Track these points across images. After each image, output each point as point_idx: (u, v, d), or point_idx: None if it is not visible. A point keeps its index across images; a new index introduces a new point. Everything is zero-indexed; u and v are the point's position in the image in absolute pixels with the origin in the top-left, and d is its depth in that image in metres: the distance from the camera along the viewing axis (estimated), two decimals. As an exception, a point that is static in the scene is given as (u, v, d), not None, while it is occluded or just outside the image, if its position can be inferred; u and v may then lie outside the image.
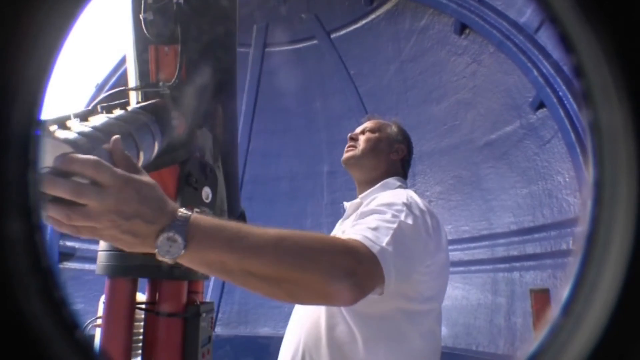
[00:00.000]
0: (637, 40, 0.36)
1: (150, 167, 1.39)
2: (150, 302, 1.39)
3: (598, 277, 0.37)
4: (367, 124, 1.87)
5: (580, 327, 0.36)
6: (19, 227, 0.40)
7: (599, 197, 0.38)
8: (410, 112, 5.10)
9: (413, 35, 5.01)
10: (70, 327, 0.42)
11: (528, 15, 3.89)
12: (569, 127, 3.56)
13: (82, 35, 5.18)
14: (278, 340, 1.60)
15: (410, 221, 1.33)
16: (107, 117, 1.09)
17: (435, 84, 4.94)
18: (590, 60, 0.38)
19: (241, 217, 2.01)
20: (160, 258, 0.88)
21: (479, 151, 4.55)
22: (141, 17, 1.46)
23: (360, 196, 1.70)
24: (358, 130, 1.87)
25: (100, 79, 5.40)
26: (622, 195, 0.37)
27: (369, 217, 1.34)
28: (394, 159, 1.79)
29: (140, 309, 1.37)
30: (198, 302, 1.42)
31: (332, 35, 5.65)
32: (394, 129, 1.86)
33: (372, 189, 1.68)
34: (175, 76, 1.46)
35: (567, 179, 3.73)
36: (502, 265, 4.17)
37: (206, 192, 1.46)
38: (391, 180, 1.70)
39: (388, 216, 1.32)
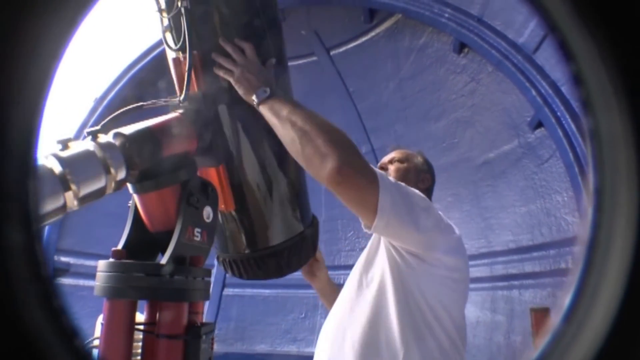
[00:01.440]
0: (636, 46, 0.36)
1: (151, 186, 1.39)
2: (150, 323, 1.36)
3: (599, 284, 0.37)
4: (395, 154, 2.01)
5: (581, 334, 0.36)
6: (19, 236, 0.40)
7: (599, 203, 0.38)
8: (409, 129, 5.11)
9: (412, 53, 5.04)
10: (69, 335, 0.42)
11: (526, 36, 3.92)
12: (567, 146, 3.57)
13: (82, 49, 5.18)
14: (276, 357, 1.61)
15: (419, 193, 1.60)
16: (56, 155, 1.08)
17: (433, 102, 4.95)
18: (590, 68, 0.38)
19: (313, 225, 1.98)
20: (254, 96, 1.51)
21: (477, 169, 4.55)
22: (161, 30, 1.47)
23: None
24: (386, 159, 2.03)
25: (99, 92, 5.37)
26: (623, 201, 0.37)
27: None
28: (421, 188, 1.90)
29: (139, 330, 1.34)
30: (199, 323, 1.39)
31: (332, 52, 5.68)
32: (419, 159, 2.03)
33: None
34: (184, 88, 1.45)
35: (565, 198, 3.73)
36: (501, 284, 4.15)
37: (207, 212, 1.46)
38: None
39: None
